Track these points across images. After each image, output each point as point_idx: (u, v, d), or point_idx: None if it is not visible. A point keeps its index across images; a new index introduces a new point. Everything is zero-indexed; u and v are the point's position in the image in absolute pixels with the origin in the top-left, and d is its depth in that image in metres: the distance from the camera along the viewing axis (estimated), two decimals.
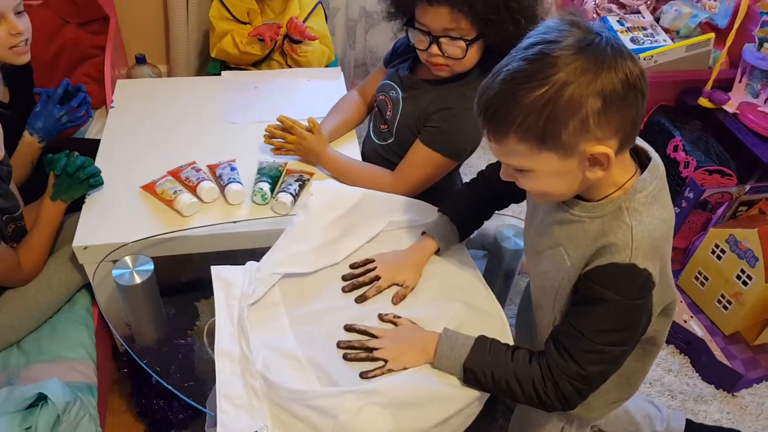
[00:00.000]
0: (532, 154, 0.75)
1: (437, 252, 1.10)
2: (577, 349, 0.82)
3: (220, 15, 1.83)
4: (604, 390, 0.92)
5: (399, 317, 0.98)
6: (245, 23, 1.83)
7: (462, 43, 1.14)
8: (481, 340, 0.90)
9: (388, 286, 1.05)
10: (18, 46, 1.29)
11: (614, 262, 0.78)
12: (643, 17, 2.39)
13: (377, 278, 1.05)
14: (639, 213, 0.78)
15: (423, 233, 1.10)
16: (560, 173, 0.77)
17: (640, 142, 0.84)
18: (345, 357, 0.92)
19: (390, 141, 1.37)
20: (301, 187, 1.31)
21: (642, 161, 0.83)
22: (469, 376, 0.88)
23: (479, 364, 0.87)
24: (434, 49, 1.16)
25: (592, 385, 0.84)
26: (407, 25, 1.20)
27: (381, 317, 0.99)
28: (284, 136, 1.37)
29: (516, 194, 1.07)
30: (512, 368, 0.86)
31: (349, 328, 0.97)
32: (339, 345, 0.94)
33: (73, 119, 1.42)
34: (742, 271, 1.59)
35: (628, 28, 2.34)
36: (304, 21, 1.85)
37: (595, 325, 0.81)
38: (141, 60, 1.96)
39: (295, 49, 1.81)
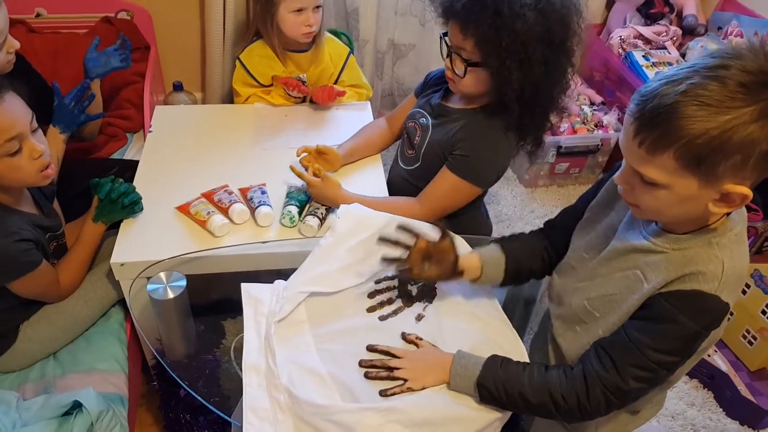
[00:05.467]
0: (677, 173, 0.72)
1: (476, 279, 1.05)
2: (626, 361, 0.81)
3: (244, 81, 1.77)
4: (611, 417, 0.92)
5: (421, 339, 1.01)
6: (269, 86, 1.79)
7: (464, 64, 1.20)
8: (493, 358, 0.92)
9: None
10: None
11: (700, 290, 0.77)
12: (669, 53, 2.40)
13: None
14: (729, 250, 0.78)
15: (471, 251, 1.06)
16: (690, 199, 0.74)
17: None
18: (366, 375, 0.95)
19: (416, 166, 1.41)
20: (328, 210, 1.36)
21: None
22: (484, 393, 0.90)
23: (492, 380, 0.89)
24: (447, 61, 1.25)
25: (623, 400, 0.84)
26: (444, 35, 1.26)
27: (404, 336, 1.02)
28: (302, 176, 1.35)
29: (558, 252, 1.04)
30: (525, 380, 0.88)
31: (371, 349, 0.99)
32: (361, 364, 0.97)
33: (81, 107, 1.44)
34: None
35: (653, 63, 2.35)
36: (338, 74, 1.82)
37: (655, 342, 0.80)
38: (178, 87, 2.05)
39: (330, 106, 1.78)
